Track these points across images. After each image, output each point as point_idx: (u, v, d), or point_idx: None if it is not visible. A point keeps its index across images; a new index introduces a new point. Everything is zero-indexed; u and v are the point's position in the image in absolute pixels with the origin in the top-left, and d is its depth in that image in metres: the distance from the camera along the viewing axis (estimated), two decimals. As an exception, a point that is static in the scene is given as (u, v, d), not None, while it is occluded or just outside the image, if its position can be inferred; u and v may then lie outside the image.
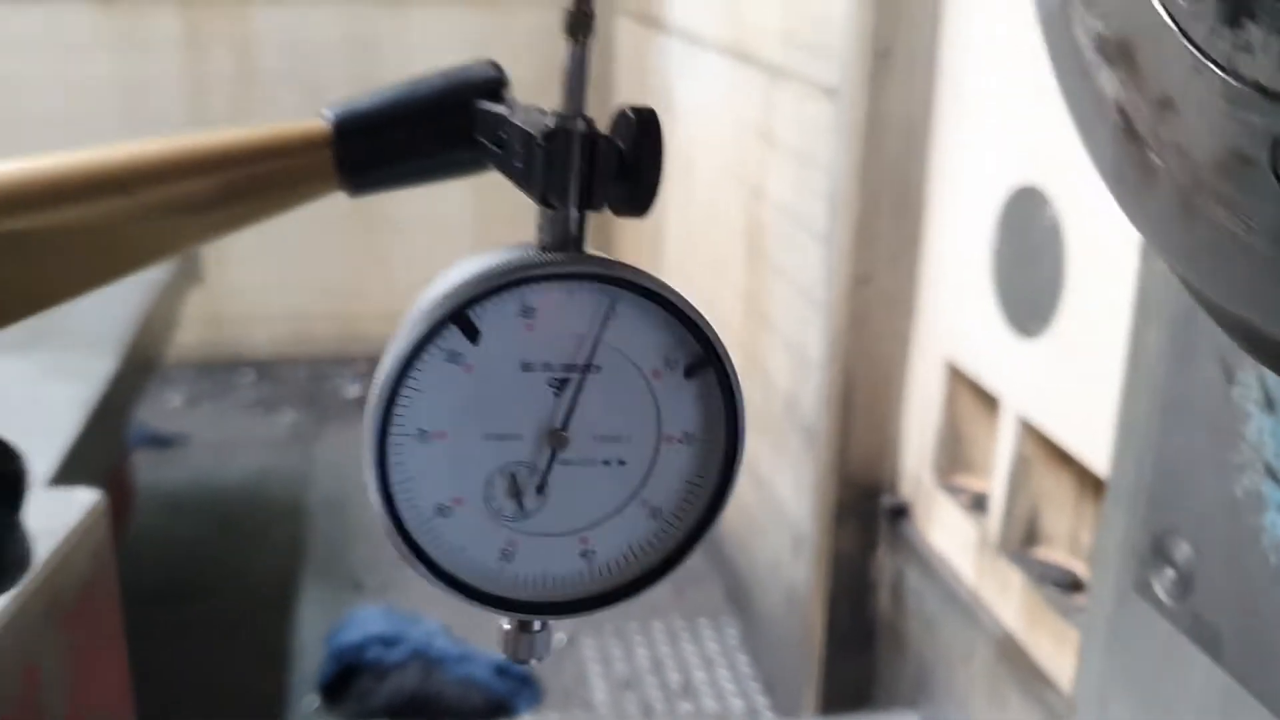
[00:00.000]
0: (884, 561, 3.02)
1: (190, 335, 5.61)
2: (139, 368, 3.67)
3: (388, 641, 3.55)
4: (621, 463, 0.49)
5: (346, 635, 3.56)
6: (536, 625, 0.53)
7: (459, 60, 0.61)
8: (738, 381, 0.50)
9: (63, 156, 0.55)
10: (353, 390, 5.72)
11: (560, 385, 0.47)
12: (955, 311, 2.68)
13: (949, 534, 2.74)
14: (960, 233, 2.64)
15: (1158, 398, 0.98)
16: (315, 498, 4.70)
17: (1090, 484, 2.36)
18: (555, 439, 0.47)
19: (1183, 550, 0.84)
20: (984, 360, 2.56)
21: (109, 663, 1.82)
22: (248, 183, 0.58)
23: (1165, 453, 0.84)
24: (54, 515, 1.70)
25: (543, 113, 0.49)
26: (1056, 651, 2.31)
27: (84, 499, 1.75)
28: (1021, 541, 2.51)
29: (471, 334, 0.45)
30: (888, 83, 2.71)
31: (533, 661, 0.53)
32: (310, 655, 3.64)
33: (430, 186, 0.61)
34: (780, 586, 3.45)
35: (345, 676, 3.50)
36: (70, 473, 2.80)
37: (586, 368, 0.47)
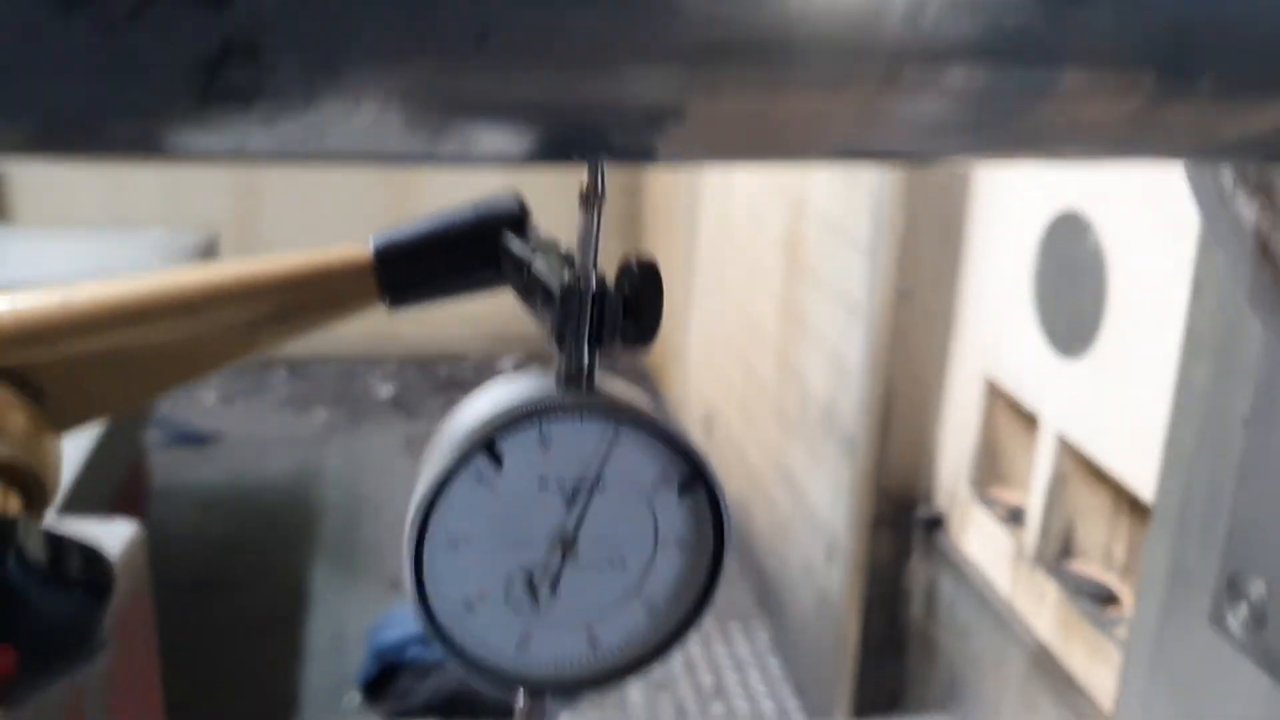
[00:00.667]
0: (917, 570, 3.09)
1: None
2: None
3: (426, 641, 3.62)
4: (624, 566, 0.54)
5: (387, 634, 3.63)
6: (548, 701, 0.58)
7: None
8: (725, 498, 0.55)
9: (139, 281, 0.63)
10: (384, 390, 5.81)
11: (571, 499, 0.53)
12: (995, 330, 2.75)
13: (984, 545, 2.81)
14: (1002, 254, 2.71)
15: (1205, 431, 1.05)
16: (348, 496, 4.78)
17: (1126, 501, 2.42)
18: (566, 546, 0.53)
19: (1257, 587, 0.91)
20: (1024, 378, 2.63)
21: (145, 685, 1.89)
22: (301, 304, 0.65)
23: (1243, 492, 0.91)
24: (96, 543, 1.75)
25: (560, 257, 0.57)
26: (1090, 663, 2.38)
27: (123, 532, 1.82)
28: (1057, 555, 2.57)
29: (497, 460, 0.51)
30: (932, 105, 2.77)
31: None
32: (347, 652, 3.73)
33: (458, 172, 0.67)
34: (812, 592, 3.52)
35: (386, 675, 3.58)
36: (92, 472, 2.85)
37: (594, 485, 0.53)
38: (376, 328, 5.92)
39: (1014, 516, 2.75)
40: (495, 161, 0.47)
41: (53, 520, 0.60)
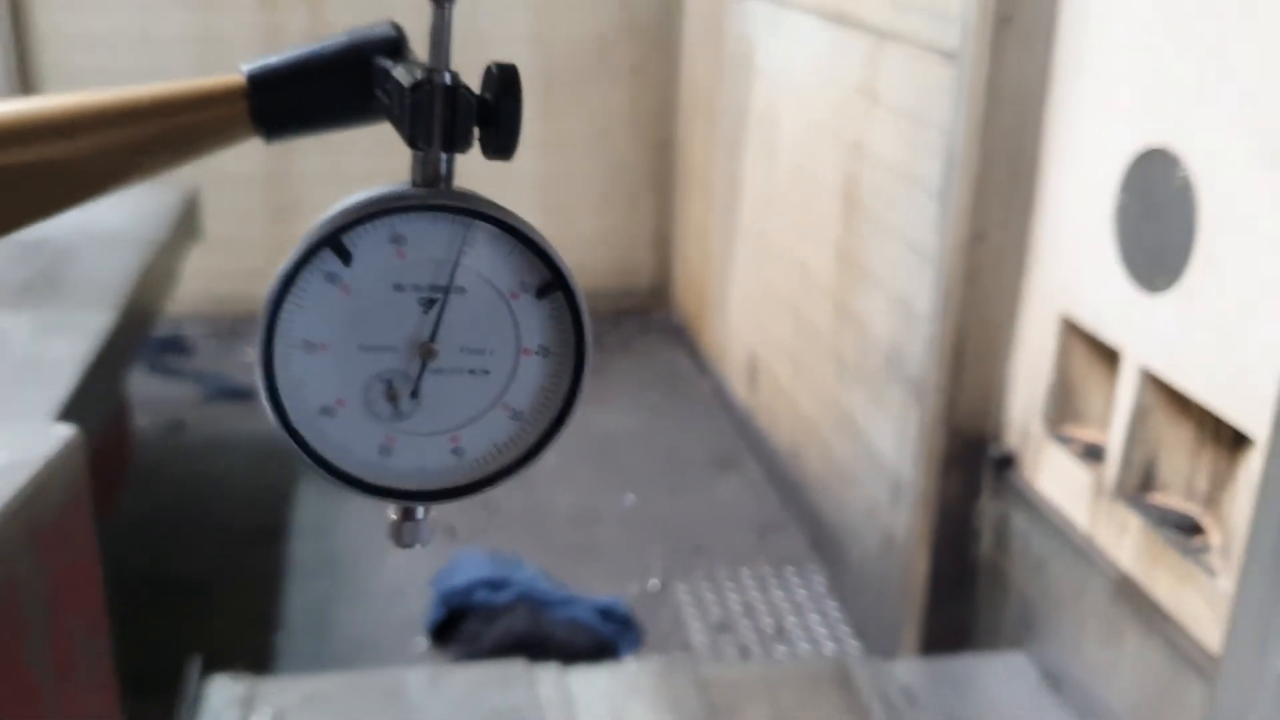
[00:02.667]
0: (987, 508, 3.14)
1: (260, 289, 5.73)
2: (137, 322, 3.77)
3: (494, 585, 3.68)
4: (485, 372, 0.55)
5: (453, 579, 3.69)
6: (419, 514, 0.58)
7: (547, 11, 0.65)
8: (583, 301, 0.54)
9: (15, 103, 0.64)
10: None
11: (429, 304, 0.53)
12: (1072, 268, 2.78)
13: (1059, 481, 2.86)
14: (1079, 192, 2.74)
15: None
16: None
17: (1210, 431, 2.47)
18: (425, 351, 0.54)
19: None
20: (1104, 314, 2.66)
21: (85, 578, 1.93)
22: (174, 131, 0.65)
23: None
24: (32, 446, 1.81)
25: (420, 66, 0.55)
26: (1178, 590, 2.43)
27: (61, 432, 1.86)
28: (1138, 487, 2.62)
29: (345, 257, 0.52)
30: (1008, 48, 2.80)
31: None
32: (410, 597, 3.78)
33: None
34: (875, 534, 3.57)
35: (452, 619, 3.64)
36: (68, 422, 2.90)
37: (449, 287, 0.53)
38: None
39: (1090, 452, 2.80)
40: None
41: None
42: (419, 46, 0.60)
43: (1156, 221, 2.47)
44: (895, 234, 3.34)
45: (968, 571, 3.23)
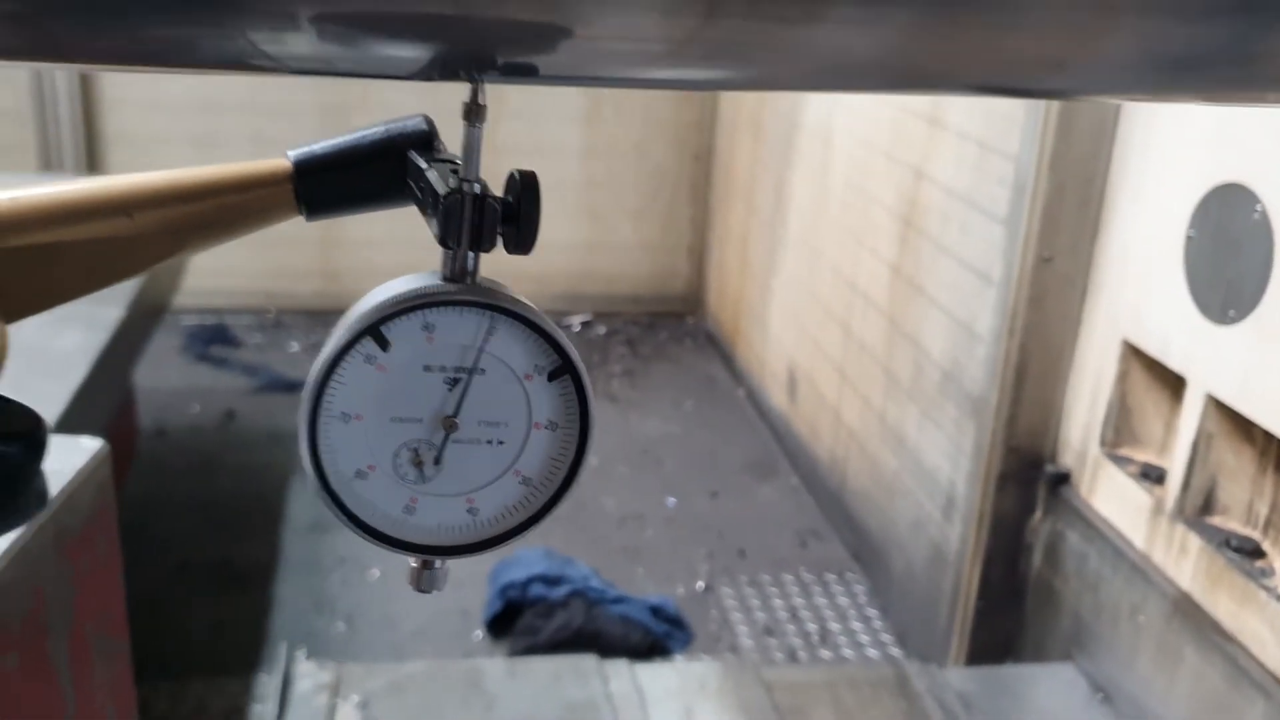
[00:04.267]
0: (1040, 525, 3.25)
1: (306, 286, 5.85)
2: (145, 315, 3.87)
3: (550, 581, 3.78)
4: (500, 443, 0.60)
5: (510, 574, 3.78)
6: (436, 564, 0.66)
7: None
8: (589, 384, 0.61)
9: (80, 183, 0.71)
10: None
11: (453, 383, 0.59)
12: (1137, 296, 2.89)
13: (1117, 501, 2.96)
14: (1148, 223, 2.85)
15: None
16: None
17: (1275, 458, 2.57)
18: (448, 424, 0.59)
19: None
20: (1170, 342, 2.77)
21: (108, 585, 2.03)
22: (225, 210, 0.71)
23: None
24: (62, 458, 1.90)
25: (452, 170, 0.62)
26: (1239, 611, 2.54)
27: (90, 445, 1.96)
28: (1198, 510, 2.73)
29: (383, 344, 0.58)
30: (1084, 80, 2.91)
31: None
32: (463, 589, 3.87)
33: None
34: (923, 545, 3.67)
35: (509, 612, 3.73)
36: (78, 415, 3.01)
37: (473, 370, 0.59)
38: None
39: (1146, 474, 2.90)
40: (388, 76, 0.54)
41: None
42: (443, 126, 0.68)
43: (1230, 255, 2.57)
44: (956, 256, 3.45)
45: (1018, 585, 3.33)
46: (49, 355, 3.13)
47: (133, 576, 2.12)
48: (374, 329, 0.56)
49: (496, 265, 0.60)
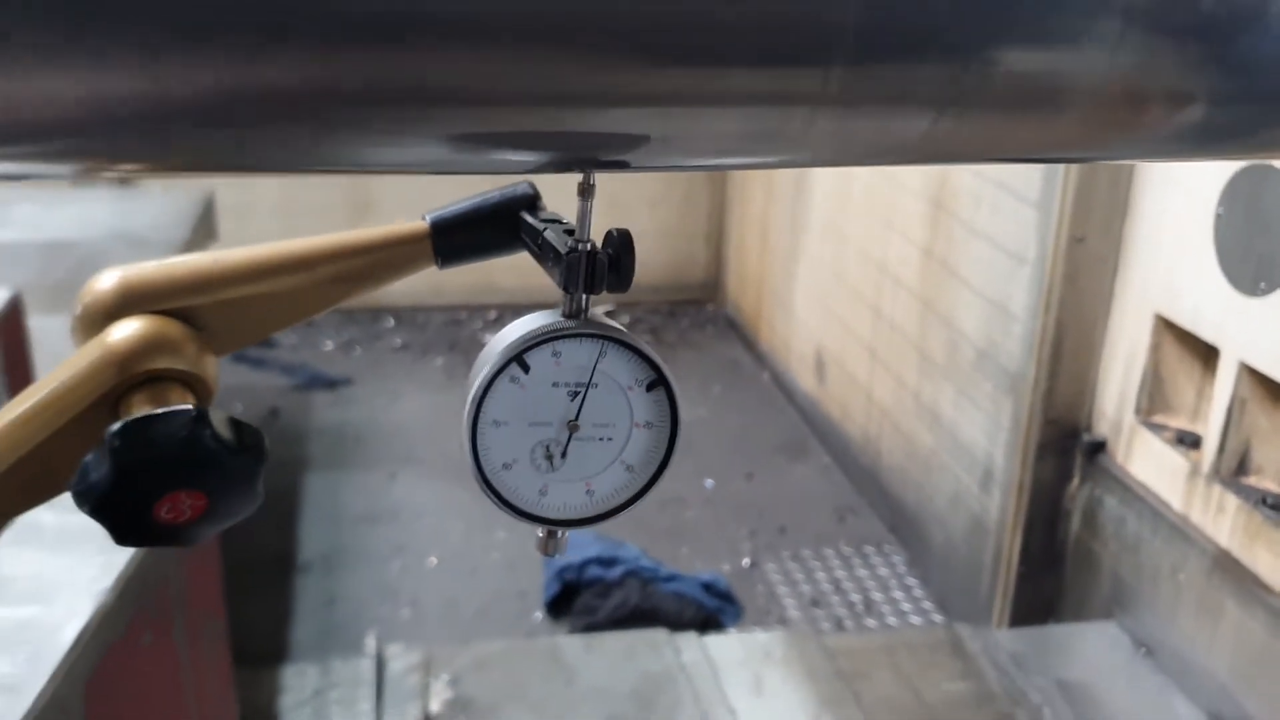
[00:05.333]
0: (1078, 492, 3.41)
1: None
2: None
3: (605, 562, 3.94)
4: (610, 439, 0.75)
5: (566, 557, 3.94)
6: (560, 534, 0.80)
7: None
8: (678, 392, 0.76)
9: (266, 247, 0.88)
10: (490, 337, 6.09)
11: (574, 395, 0.73)
12: (1168, 271, 3.05)
13: (1153, 466, 3.13)
14: (1178, 202, 3.01)
15: None
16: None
17: (1306, 422, 2.74)
18: (571, 427, 0.74)
19: None
20: (1202, 314, 2.93)
21: (210, 571, 2.20)
22: (380, 264, 0.87)
23: None
24: None
25: (564, 230, 0.76)
26: (1278, 564, 2.70)
27: None
28: (1234, 471, 2.89)
29: (524, 368, 0.73)
30: (1112, 68, 3.06)
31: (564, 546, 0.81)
32: (518, 573, 4.03)
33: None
34: (961, 516, 3.84)
35: (566, 593, 3.89)
36: None
37: (589, 385, 0.73)
38: (476, 280, 6.19)
39: (1182, 439, 3.07)
40: (524, 171, 0.70)
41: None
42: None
43: (1259, 231, 2.73)
44: (988, 238, 3.60)
45: (1057, 550, 3.50)
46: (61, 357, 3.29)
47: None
48: (518, 357, 0.71)
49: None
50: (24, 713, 1.24)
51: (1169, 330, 3.09)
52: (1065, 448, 3.40)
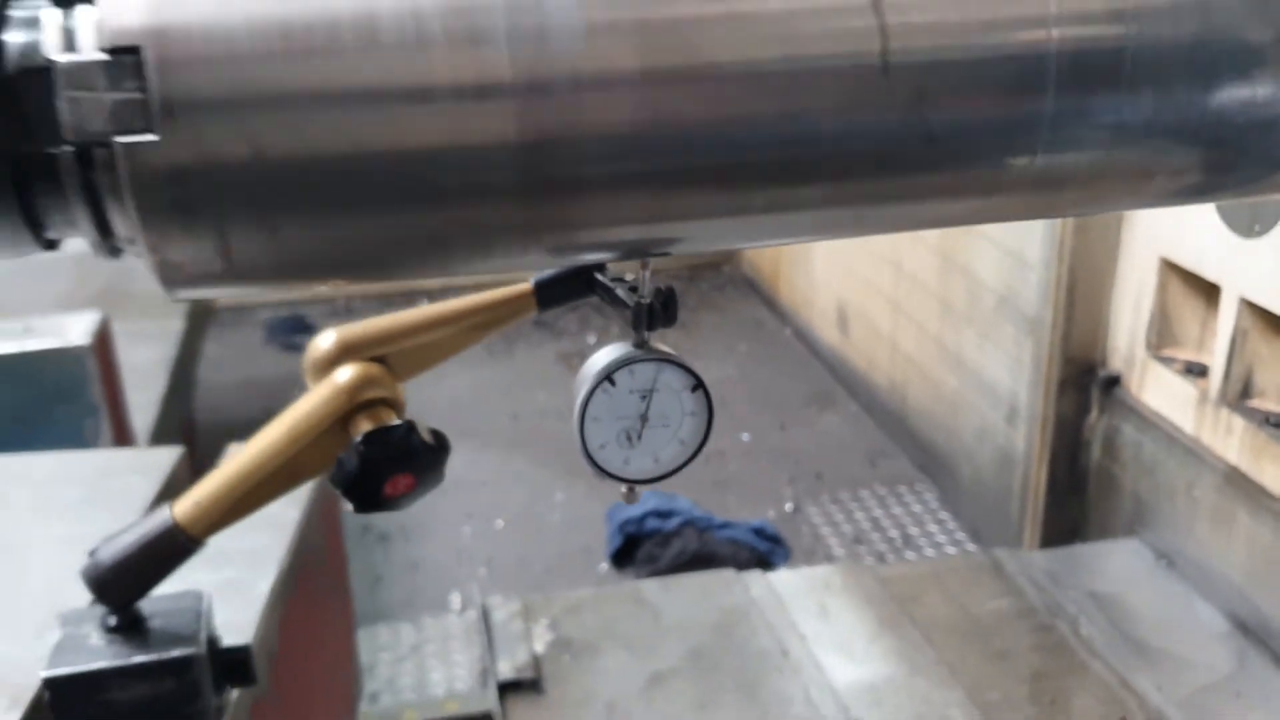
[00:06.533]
0: (1097, 423, 3.74)
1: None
2: (200, 323, 4.36)
3: (662, 514, 4.27)
4: (668, 425, 1.04)
5: (626, 511, 4.27)
6: (638, 490, 1.12)
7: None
8: (710, 393, 1.07)
9: (429, 309, 1.28)
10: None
11: (643, 398, 1.02)
12: (1171, 219, 3.36)
13: (1165, 395, 3.45)
14: (1178, 155, 3.31)
15: None
16: (534, 405, 5.40)
17: (1302, 347, 3.06)
18: (643, 419, 1.04)
19: None
20: (1204, 256, 3.24)
21: (337, 547, 2.53)
22: (501, 316, 1.27)
23: None
24: None
25: (628, 287, 1.06)
26: (1282, 476, 3.04)
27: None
28: (1239, 395, 3.22)
29: (612, 383, 1.04)
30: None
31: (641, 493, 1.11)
32: (580, 529, 4.35)
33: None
34: (989, 451, 4.17)
35: (628, 545, 4.23)
36: (165, 420, 3.53)
37: (653, 390, 1.03)
38: (504, 256, 6.47)
39: (1190, 369, 3.39)
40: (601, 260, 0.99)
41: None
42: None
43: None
44: (1002, 194, 3.91)
45: (1080, 477, 3.83)
46: (131, 371, 3.60)
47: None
48: (608, 377, 1.03)
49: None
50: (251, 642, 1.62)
51: (1173, 272, 3.40)
52: (1083, 383, 3.73)
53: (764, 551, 4.18)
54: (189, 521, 1.18)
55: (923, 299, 4.57)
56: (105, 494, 1.97)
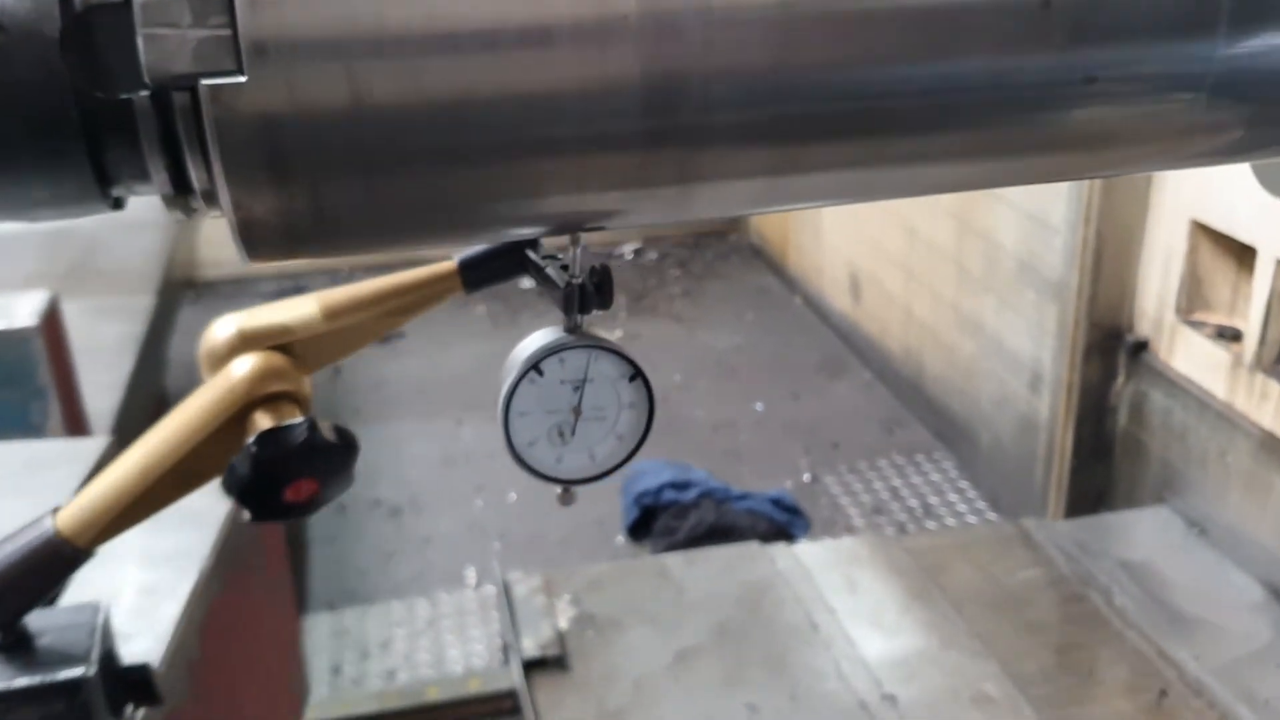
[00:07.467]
0: (1123, 388, 3.67)
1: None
2: (171, 299, 4.26)
3: (678, 486, 4.20)
4: (604, 418, 0.95)
5: (642, 483, 4.20)
6: (574, 490, 1.02)
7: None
8: (650, 383, 0.98)
9: (339, 292, 1.18)
10: (527, 282, 6.30)
11: (575, 389, 0.94)
12: (1201, 180, 3.28)
13: (1196, 360, 3.39)
14: (1210, 114, 3.23)
15: None
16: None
17: (1340, 309, 2.99)
18: (575, 412, 0.95)
19: None
20: (1237, 217, 3.17)
21: (276, 544, 2.46)
22: (424, 297, 1.18)
23: None
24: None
25: (561, 266, 0.95)
26: (1320, 441, 2.97)
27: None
28: (1275, 360, 3.15)
29: (539, 372, 0.95)
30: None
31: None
32: (595, 502, 4.28)
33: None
34: (1010, 419, 4.10)
35: (645, 517, 4.16)
36: (132, 399, 3.43)
37: (585, 380, 0.94)
38: (507, 225, 6.38)
39: (1222, 334, 3.32)
40: (529, 235, 0.91)
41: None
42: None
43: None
44: (1025, 157, 3.82)
45: (1105, 444, 3.77)
46: (98, 348, 3.50)
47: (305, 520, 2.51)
48: (535, 366, 0.93)
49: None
50: (160, 654, 1.54)
51: (1204, 234, 3.33)
52: (1109, 348, 3.66)
53: (783, 522, 4.12)
54: (74, 531, 1.05)
55: (938, 264, 4.50)
56: (23, 489, 1.87)
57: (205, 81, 0.58)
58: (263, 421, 1.05)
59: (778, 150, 0.70)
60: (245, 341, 1.12)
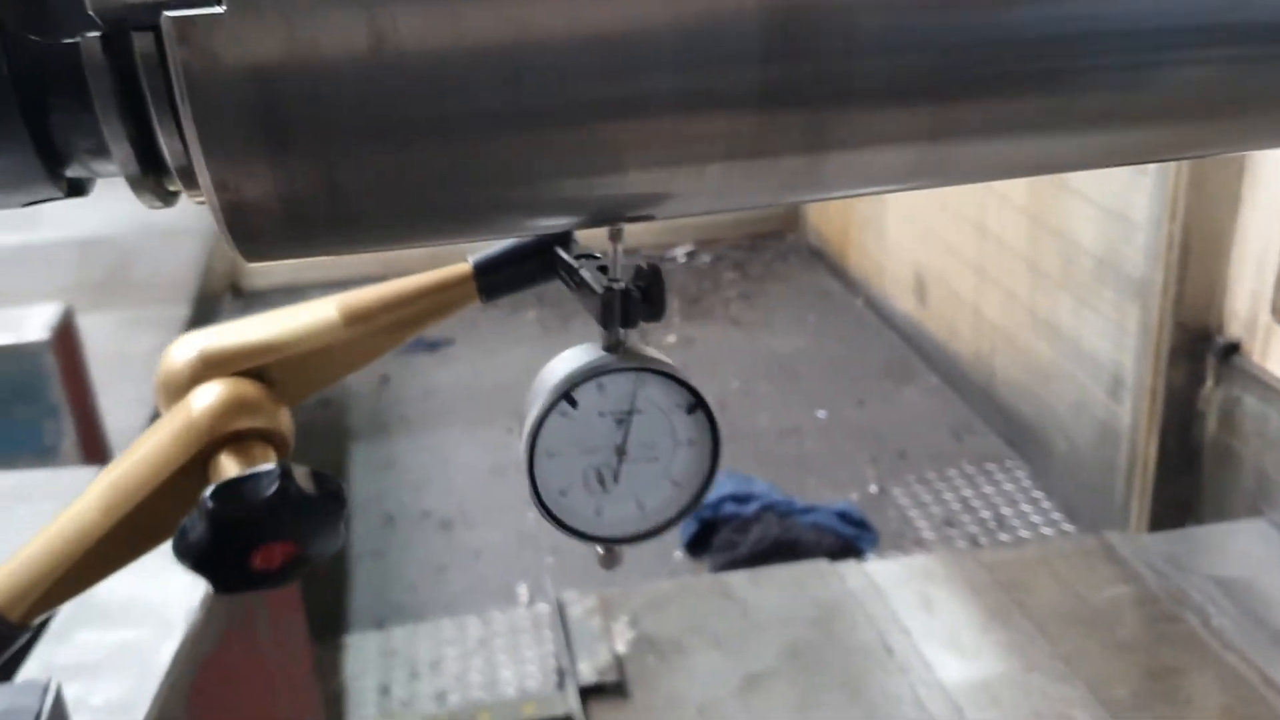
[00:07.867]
0: (1212, 393, 3.46)
1: (417, 250, 6.07)
2: (206, 311, 4.13)
3: (739, 499, 4.03)
4: (656, 460, 0.77)
5: (701, 494, 4.04)
6: (618, 550, 0.83)
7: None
8: (715, 413, 0.79)
9: (325, 304, 0.94)
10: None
11: (620, 422, 0.75)
12: (1300, 169, 3.07)
13: (1294, 363, 3.18)
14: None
15: None
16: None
17: None
18: (619, 451, 0.78)
19: None
20: (1342, 209, 2.96)
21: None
22: (429, 309, 0.94)
23: None
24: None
25: (599, 267, 0.78)
26: None
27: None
28: (1382, 362, 2.94)
29: (573, 403, 0.76)
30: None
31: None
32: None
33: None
34: (1088, 425, 3.90)
35: (704, 532, 3.99)
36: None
37: (632, 412, 0.77)
38: (558, 229, 6.25)
39: (1322, 335, 3.11)
40: (567, 228, 0.71)
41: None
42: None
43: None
44: (1104, 149, 3.62)
45: (1192, 452, 3.55)
46: (128, 361, 3.37)
47: (350, 531, 2.36)
48: (567, 395, 0.75)
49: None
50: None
51: (1303, 228, 3.12)
52: (1196, 351, 3.45)
53: (850, 537, 3.94)
54: (4, 603, 0.86)
55: (1010, 263, 4.30)
56: (4, 524, 1.70)
57: (169, 14, 0.42)
58: (229, 467, 0.84)
59: (941, 109, 0.53)
60: (208, 366, 0.90)
